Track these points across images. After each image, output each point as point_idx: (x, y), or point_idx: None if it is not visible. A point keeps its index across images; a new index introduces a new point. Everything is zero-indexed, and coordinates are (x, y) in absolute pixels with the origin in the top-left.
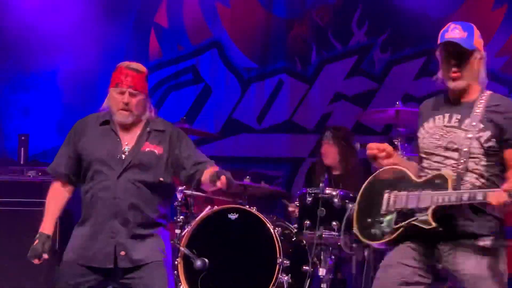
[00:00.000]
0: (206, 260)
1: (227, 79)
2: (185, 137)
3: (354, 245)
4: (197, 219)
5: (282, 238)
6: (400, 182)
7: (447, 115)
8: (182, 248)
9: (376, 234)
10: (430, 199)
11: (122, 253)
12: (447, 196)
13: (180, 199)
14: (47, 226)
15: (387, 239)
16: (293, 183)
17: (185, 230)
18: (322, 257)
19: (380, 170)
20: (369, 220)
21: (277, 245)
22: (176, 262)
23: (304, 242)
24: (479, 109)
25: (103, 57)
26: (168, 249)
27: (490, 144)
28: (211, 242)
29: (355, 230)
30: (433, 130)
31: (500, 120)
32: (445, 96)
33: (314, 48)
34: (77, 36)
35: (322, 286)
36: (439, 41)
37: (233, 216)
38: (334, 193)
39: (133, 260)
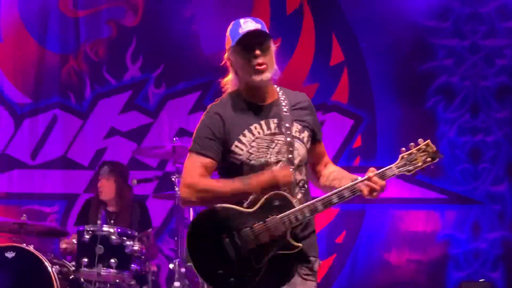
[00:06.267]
0: None
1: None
2: None
3: (132, 282)
4: None
5: (59, 276)
6: (232, 220)
7: (262, 122)
8: None
9: (240, 283)
10: (282, 223)
11: None
12: (299, 214)
13: None
14: None
15: (253, 284)
16: (68, 219)
17: None
18: None
19: (199, 214)
20: (221, 271)
21: (55, 283)
22: None
23: (82, 279)
24: (286, 108)
25: None
26: None
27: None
28: None
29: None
30: (256, 142)
31: (308, 117)
32: (241, 100)
33: (88, 83)
34: None
35: None
36: (232, 40)
37: (10, 254)
38: (111, 230)
39: None
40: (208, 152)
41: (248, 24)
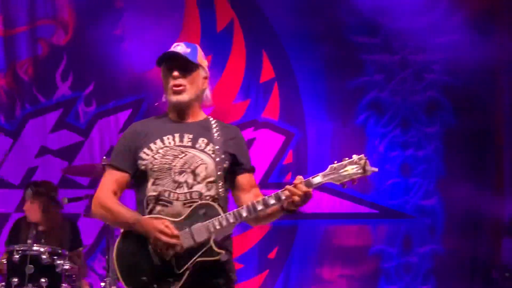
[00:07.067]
0: None
1: None
2: None
3: None
4: None
5: None
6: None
7: (176, 134)
8: None
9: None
10: (206, 229)
11: None
12: (223, 220)
13: None
14: None
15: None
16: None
17: None
18: None
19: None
20: (145, 278)
21: None
22: None
23: None
24: (211, 129)
25: None
26: None
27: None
28: None
29: None
30: (164, 150)
31: (232, 144)
32: (164, 116)
33: (18, 102)
34: None
35: None
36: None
37: None
38: (42, 249)
39: None
40: (119, 164)
41: (177, 48)
